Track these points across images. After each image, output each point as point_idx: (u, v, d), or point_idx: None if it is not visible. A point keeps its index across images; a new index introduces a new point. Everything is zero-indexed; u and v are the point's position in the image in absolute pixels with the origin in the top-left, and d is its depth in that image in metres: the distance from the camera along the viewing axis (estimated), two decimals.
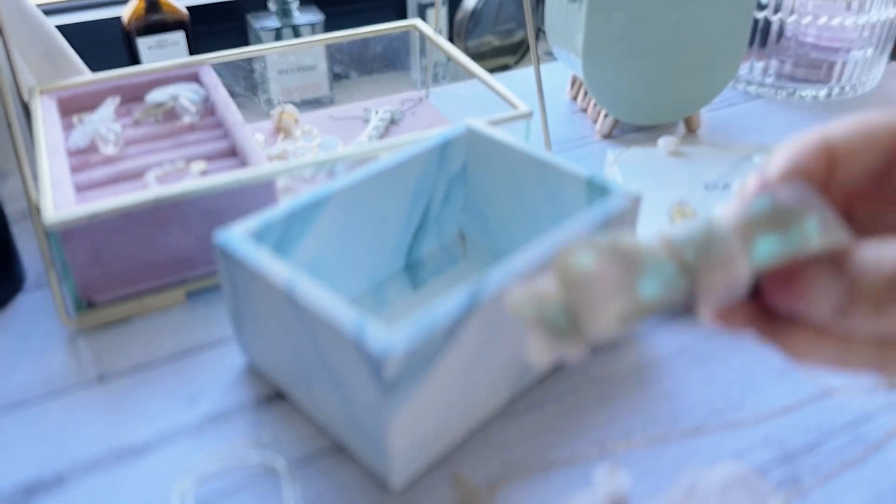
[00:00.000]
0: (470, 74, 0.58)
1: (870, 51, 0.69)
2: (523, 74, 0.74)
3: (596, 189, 0.40)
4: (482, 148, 0.46)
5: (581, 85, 0.70)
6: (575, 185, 0.42)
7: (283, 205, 0.39)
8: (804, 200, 0.20)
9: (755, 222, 0.20)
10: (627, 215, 0.39)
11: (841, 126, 0.21)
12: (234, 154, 0.52)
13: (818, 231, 0.20)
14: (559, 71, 0.75)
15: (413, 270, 0.47)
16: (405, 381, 0.31)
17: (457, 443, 0.37)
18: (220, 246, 0.37)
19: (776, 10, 0.68)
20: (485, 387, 0.36)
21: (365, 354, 0.31)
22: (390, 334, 0.31)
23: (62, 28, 0.69)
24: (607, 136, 0.65)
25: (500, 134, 0.45)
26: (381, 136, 0.61)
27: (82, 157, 0.51)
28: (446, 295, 0.45)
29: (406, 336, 0.30)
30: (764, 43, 0.70)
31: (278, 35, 0.94)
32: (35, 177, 0.47)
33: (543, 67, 0.74)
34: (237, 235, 0.37)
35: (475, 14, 1.19)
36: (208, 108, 0.56)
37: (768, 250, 0.20)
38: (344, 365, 0.33)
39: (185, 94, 0.55)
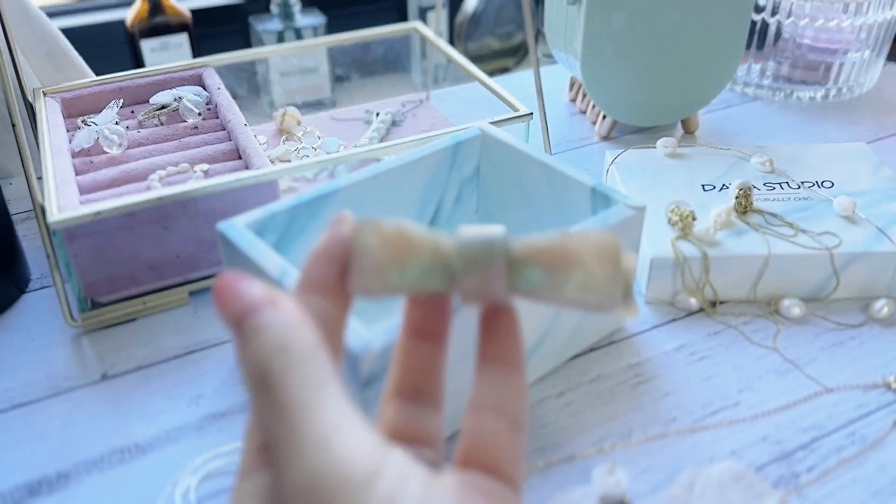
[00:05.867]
0: (470, 77, 0.59)
1: (867, 52, 0.70)
2: (523, 76, 0.75)
3: (600, 197, 0.41)
4: (494, 151, 0.46)
5: (580, 87, 0.70)
6: (580, 192, 0.42)
7: (288, 199, 0.40)
8: (587, 253, 0.22)
9: (534, 255, 0.22)
10: (630, 225, 0.39)
11: None
12: (236, 155, 0.53)
13: (580, 286, 0.22)
14: (558, 73, 0.75)
15: None
16: (382, 378, 0.32)
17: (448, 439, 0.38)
18: (223, 236, 0.38)
19: (773, 12, 0.69)
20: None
21: (344, 350, 0.31)
22: (367, 331, 0.31)
23: (66, 30, 0.69)
24: (606, 137, 0.65)
25: (511, 138, 0.45)
26: (382, 138, 0.62)
27: (86, 158, 0.51)
28: None
29: (383, 333, 0.31)
30: (761, 45, 0.71)
31: (280, 37, 0.95)
32: (39, 178, 0.47)
33: (543, 69, 0.74)
34: (239, 227, 0.37)
35: (475, 17, 1.20)
36: (211, 110, 0.57)
37: (530, 282, 0.22)
38: None
39: (189, 96, 0.55)
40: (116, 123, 0.53)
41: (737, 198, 0.49)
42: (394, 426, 0.22)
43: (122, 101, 0.56)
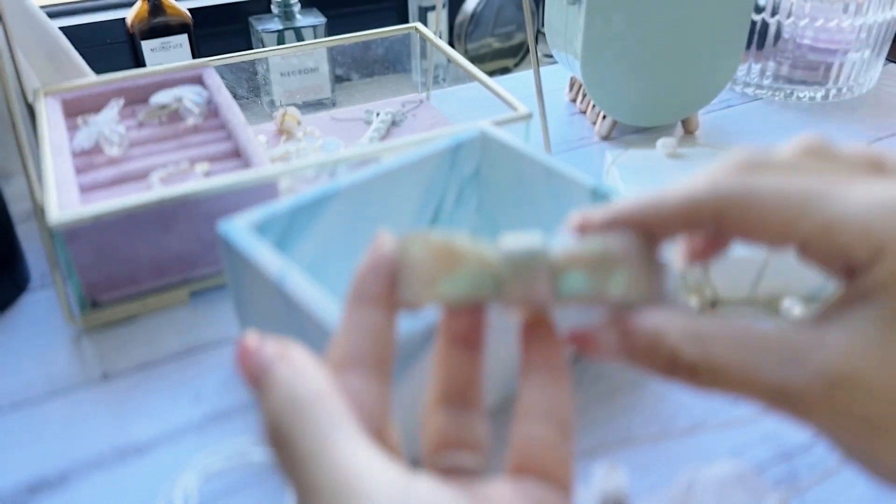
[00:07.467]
0: (470, 77, 0.59)
1: (866, 52, 0.70)
2: (523, 76, 0.75)
3: (600, 198, 0.41)
4: (494, 152, 0.46)
5: (580, 87, 0.70)
6: (580, 192, 0.42)
7: (288, 199, 0.40)
8: (627, 253, 0.23)
9: (575, 259, 0.23)
10: None
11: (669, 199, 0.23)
12: (237, 155, 0.53)
13: (623, 285, 0.23)
14: (558, 73, 0.75)
15: None
16: None
17: None
18: (223, 236, 0.38)
19: (774, 12, 0.69)
20: None
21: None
22: None
23: (66, 30, 0.69)
24: (606, 137, 0.65)
25: (511, 139, 0.45)
26: (383, 138, 0.62)
27: (87, 158, 0.51)
28: None
29: None
30: (761, 45, 0.71)
31: (280, 37, 0.95)
32: (40, 178, 0.47)
33: (543, 69, 0.74)
34: (239, 227, 0.38)
35: (475, 17, 1.20)
36: (211, 110, 0.57)
37: (574, 286, 0.23)
38: None
39: (189, 96, 0.55)
40: (117, 123, 0.53)
41: None
42: (440, 434, 0.23)
43: (122, 101, 0.56)
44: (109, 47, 1.03)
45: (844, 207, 0.21)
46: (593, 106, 0.67)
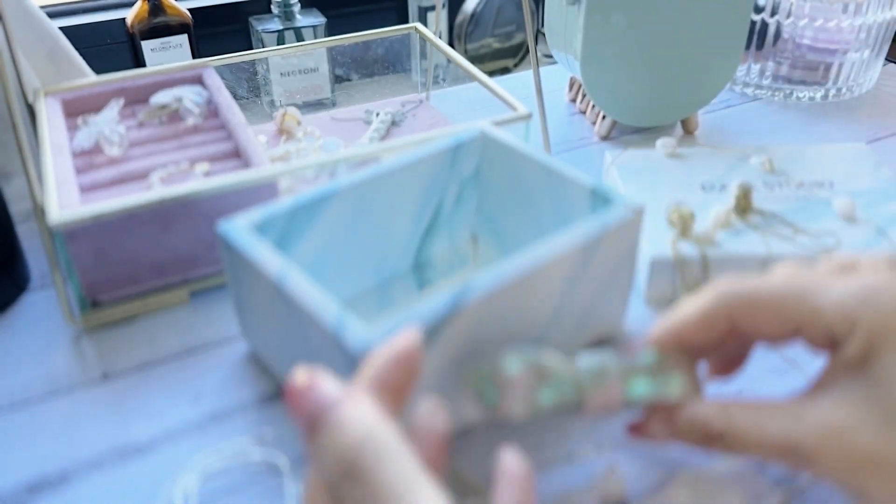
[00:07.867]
0: (470, 77, 0.59)
1: (866, 52, 0.70)
2: (523, 76, 0.75)
3: (599, 198, 0.41)
4: (494, 152, 0.46)
5: (580, 87, 0.70)
6: (580, 192, 0.42)
7: (288, 199, 0.40)
8: (678, 362, 0.31)
9: (640, 369, 0.30)
10: (629, 226, 0.39)
11: (690, 317, 0.31)
12: (237, 155, 0.53)
13: (679, 387, 0.31)
14: (558, 73, 0.75)
15: (421, 271, 0.47)
16: None
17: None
18: (223, 236, 0.38)
19: (773, 13, 0.69)
20: None
21: (343, 349, 0.31)
22: (369, 330, 0.31)
23: (66, 30, 0.69)
24: (606, 137, 0.65)
25: (511, 139, 0.45)
26: (382, 138, 0.62)
27: (87, 158, 0.51)
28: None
29: (385, 333, 0.31)
30: (761, 45, 0.71)
31: (280, 38, 0.95)
32: (40, 178, 0.47)
33: (543, 69, 0.74)
34: (239, 227, 0.38)
35: (475, 17, 1.20)
36: (211, 110, 0.57)
37: (641, 390, 0.30)
38: (328, 359, 0.33)
39: (189, 97, 0.55)
40: (117, 123, 0.53)
41: (736, 198, 0.49)
42: None
43: (122, 101, 0.56)
44: (109, 47, 1.03)
45: (828, 295, 0.27)
46: (593, 106, 0.67)
